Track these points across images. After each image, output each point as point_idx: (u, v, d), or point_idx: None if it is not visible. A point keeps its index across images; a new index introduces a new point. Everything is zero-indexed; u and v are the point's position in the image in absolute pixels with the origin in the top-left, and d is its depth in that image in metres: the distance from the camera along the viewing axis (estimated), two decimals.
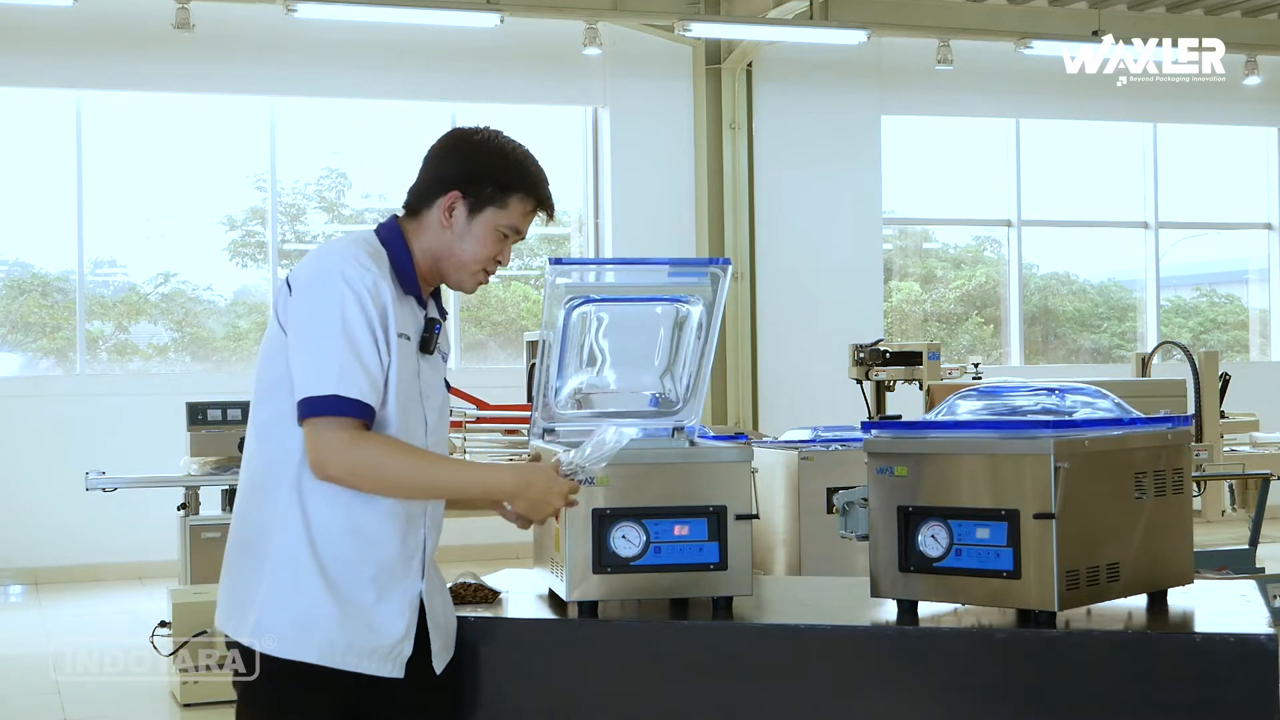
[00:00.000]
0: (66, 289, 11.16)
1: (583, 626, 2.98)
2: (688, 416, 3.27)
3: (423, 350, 2.73)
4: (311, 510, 2.62)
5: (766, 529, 4.92)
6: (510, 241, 2.76)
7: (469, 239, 2.72)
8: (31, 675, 6.97)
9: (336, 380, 2.55)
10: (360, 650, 2.64)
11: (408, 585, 2.70)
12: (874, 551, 2.96)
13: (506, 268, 3.01)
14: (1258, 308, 14.48)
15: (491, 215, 2.72)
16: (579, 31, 11.09)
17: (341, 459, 2.56)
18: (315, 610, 2.62)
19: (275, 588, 2.63)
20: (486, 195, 2.71)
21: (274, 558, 2.64)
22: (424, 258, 2.74)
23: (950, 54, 11.80)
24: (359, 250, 2.64)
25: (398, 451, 2.61)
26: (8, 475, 10.32)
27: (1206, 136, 13.95)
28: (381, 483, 2.60)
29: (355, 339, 2.56)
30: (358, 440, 2.56)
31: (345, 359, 2.55)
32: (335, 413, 2.54)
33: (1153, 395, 8.06)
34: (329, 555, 2.62)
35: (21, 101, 10.96)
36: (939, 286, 13.64)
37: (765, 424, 11.71)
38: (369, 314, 2.58)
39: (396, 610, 2.67)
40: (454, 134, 2.79)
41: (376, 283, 2.60)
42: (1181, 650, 2.73)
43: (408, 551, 2.70)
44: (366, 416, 2.57)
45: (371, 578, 2.64)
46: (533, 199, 2.75)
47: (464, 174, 2.71)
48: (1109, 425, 2.93)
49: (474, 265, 2.75)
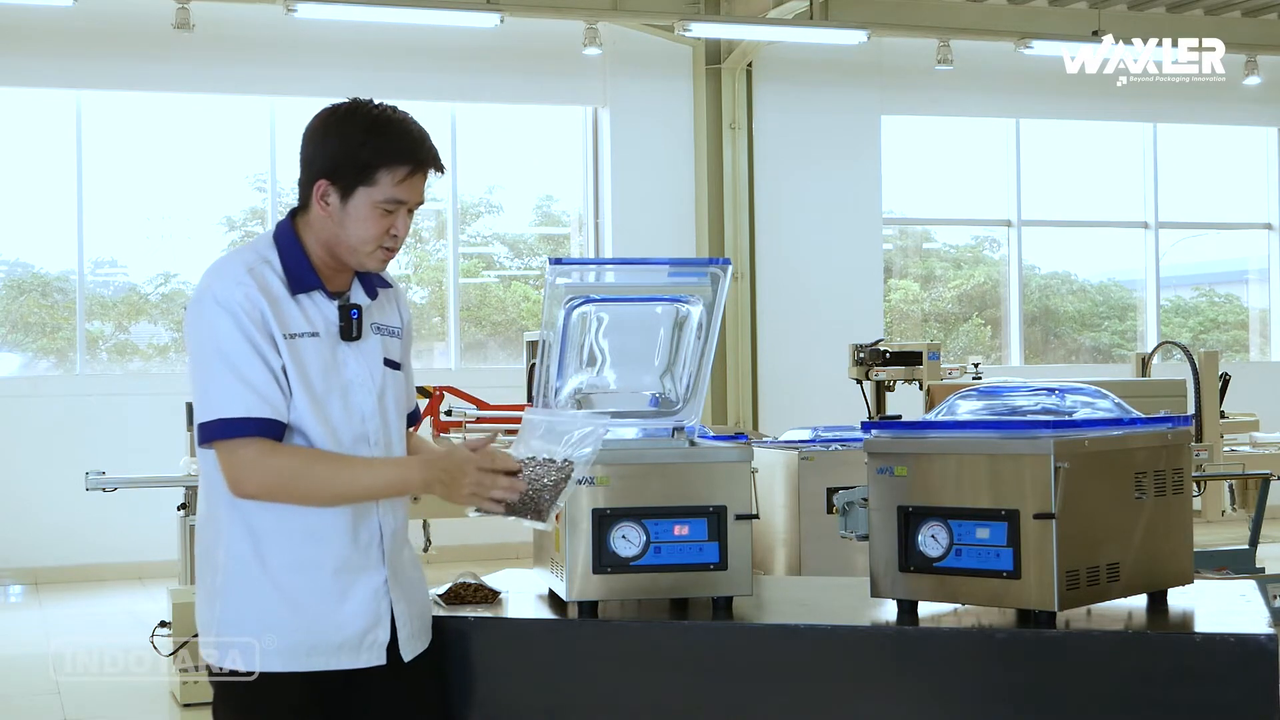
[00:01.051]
0: (66, 289, 11.16)
1: (583, 626, 2.98)
2: (688, 416, 3.26)
3: (344, 338, 2.67)
4: (255, 520, 2.61)
5: (766, 529, 4.92)
6: (399, 214, 2.66)
7: (349, 223, 2.64)
8: (31, 675, 6.97)
9: (224, 403, 2.54)
10: (327, 648, 2.63)
11: (370, 576, 2.67)
12: (874, 551, 2.95)
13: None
14: (1258, 308, 14.48)
15: (364, 195, 2.62)
16: (579, 31, 11.09)
17: (253, 477, 2.55)
18: (271, 618, 2.60)
19: (229, 601, 2.63)
20: (352, 177, 2.62)
21: (225, 571, 2.64)
22: (319, 248, 2.68)
23: (950, 54, 11.81)
24: (236, 264, 2.62)
25: (311, 460, 2.58)
26: (8, 475, 10.32)
27: (1206, 136, 13.95)
28: (298, 494, 2.58)
29: (231, 358, 2.54)
30: (267, 455, 2.55)
31: (225, 381, 2.54)
32: (236, 434, 2.54)
33: (1153, 395, 8.06)
34: (279, 562, 2.61)
35: (21, 101, 10.96)
36: (938, 286, 13.64)
37: (765, 424, 11.71)
38: (245, 329, 2.55)
39: (360, 602, 2.65)
40: (318, 116, 2.70)
41: (249, 294, 2.56)
42: (1181, 650, 2.73)
43: (362, 543, 2.67)
44: (269, 431, 2.55)
45: (329, 575, 2.63)
46: (403, 167, 2.63)
47: (326, 160, 2.63)
48: (1109, 425, 2.93)
49: (366, 247, 2.66)
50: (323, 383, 2.64)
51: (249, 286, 2.58)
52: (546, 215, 12.50)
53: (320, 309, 2.68)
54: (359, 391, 2.69)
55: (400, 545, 2.76)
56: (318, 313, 2.67)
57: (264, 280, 2.61)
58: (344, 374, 2.68)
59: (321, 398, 2.63)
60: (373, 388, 2.71)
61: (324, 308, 2.68)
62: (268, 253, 2.66)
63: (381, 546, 2.70)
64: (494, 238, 12.49)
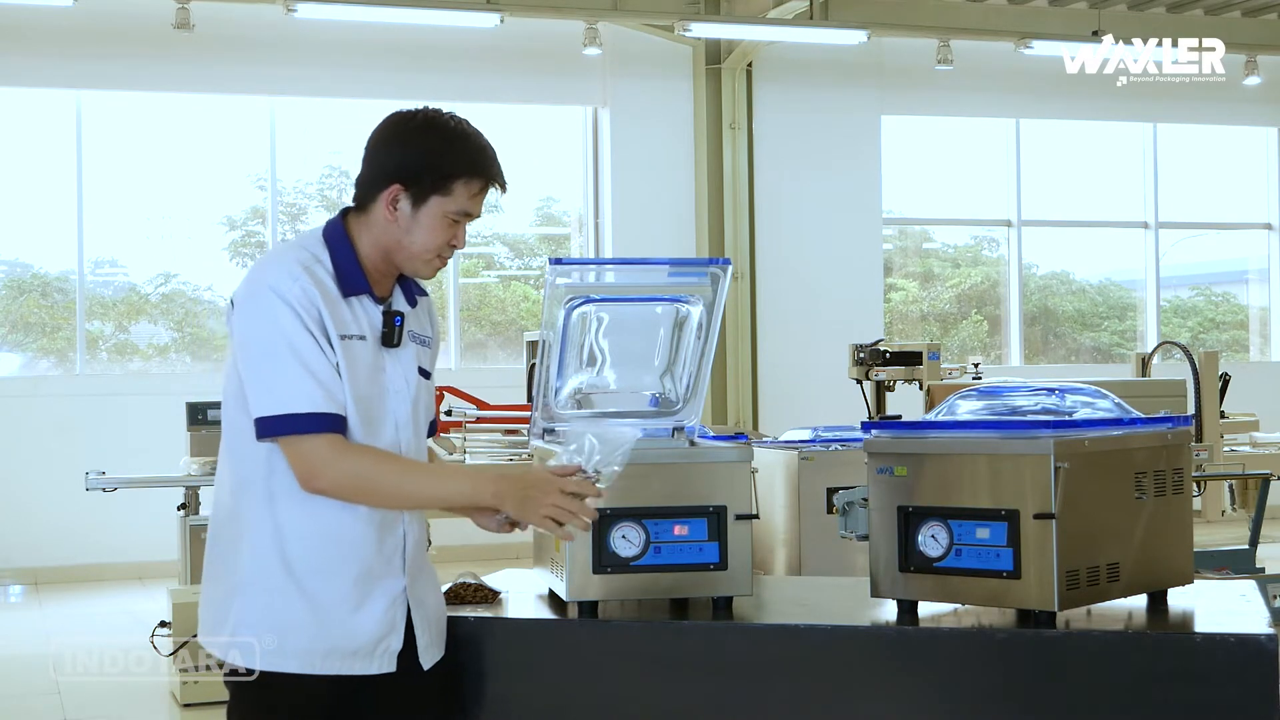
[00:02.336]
0: (66, 289, 11.16)
1: (583, 626, 2.98)
2: (688, 416, 3.26)
3: (385, 344, 2.67)
4: (284, 520, 2.60)
5: (766, 529, 4.92)
6: (462, 225, 2.68)
7: (417, 230, 2.64)
8: (31, 675, 6.97)
9: (292, 397, 2.52)
10: (342, 653, 2.62)
11: (389, 584, 2.67)
12: (874, 551, 2.96)
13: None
14: (1257, 307, 14.48)
15: (437, 204, 2.64)
16: (579, 31, 11.09)
17: (328, 473, 2.54)
18: (290, 619, 2.59)
19: (248, 599, 2.61)
20: (429, 185, 2.62)
21: (246, 569, 2.62)
22: (374, 251, 2.67)
23: (950, 54, 11.80)
24: (290, 260, 2.59)
25: (383, 461, 2.58)
26: (8, 475, 10.32)
27: (1206, 136, 13.95)
28: (370, 495, 2.58)
29: (299, 351, 2.53)
30: (344, 453, 2.55)
31: (293, 375, 2.52)
32: (306, 429, 2.52)
33: (1153, 395, 8.06)
34: (303, 565, 2.60)
35: (21, 101, 10.96)
36: (936, 285, 13.64)
37: (765, 424, 11.71)
38: (306, 323, 2.54)
39: (378, 610, 2.65)
40: (390, 121, 2.69)
41: (306, 290, 2.55)
42: (1181, 650, 2.73)
43: (386, 551, 2.66)
44: (337, 427, 2.54)
45: (351, 581, 2.62)
46: (478, 180, 2.65)
47: (403, 165, 2.63)
48: (1109, 425, 2.93)
49: (426, 255, 2.67)
50: (366, 387, 2.63)
51: (305, 282, 2.56)
52: (547, 216, 12.50)
53: (367, 313, 2.67)
54: (396, 398, 2.69)
55: (421, 554, 2.76)
56: (365, 316, 2.66)
57: (318, 278, 2.59)
58: (385, 380, 2.67)
59: (367, 402, 2.62)
60: (408, 395, 2.71)
61: (371, 312, 2.67)
62: (318, 251, 2.64)
63: (404, 555, 2.70)
64: (494, 238, 12.49)
